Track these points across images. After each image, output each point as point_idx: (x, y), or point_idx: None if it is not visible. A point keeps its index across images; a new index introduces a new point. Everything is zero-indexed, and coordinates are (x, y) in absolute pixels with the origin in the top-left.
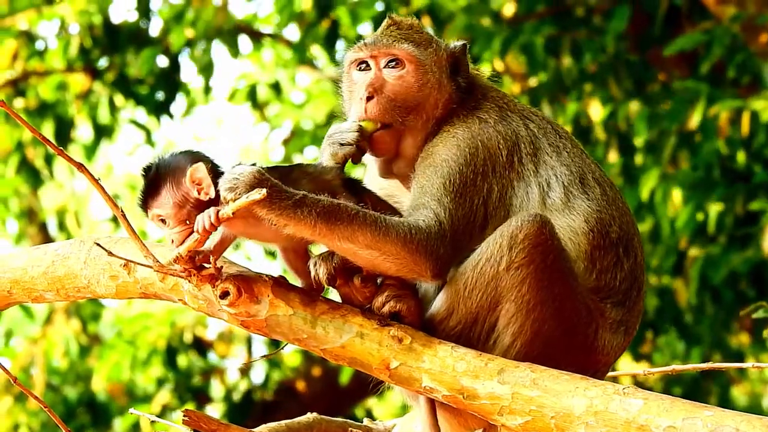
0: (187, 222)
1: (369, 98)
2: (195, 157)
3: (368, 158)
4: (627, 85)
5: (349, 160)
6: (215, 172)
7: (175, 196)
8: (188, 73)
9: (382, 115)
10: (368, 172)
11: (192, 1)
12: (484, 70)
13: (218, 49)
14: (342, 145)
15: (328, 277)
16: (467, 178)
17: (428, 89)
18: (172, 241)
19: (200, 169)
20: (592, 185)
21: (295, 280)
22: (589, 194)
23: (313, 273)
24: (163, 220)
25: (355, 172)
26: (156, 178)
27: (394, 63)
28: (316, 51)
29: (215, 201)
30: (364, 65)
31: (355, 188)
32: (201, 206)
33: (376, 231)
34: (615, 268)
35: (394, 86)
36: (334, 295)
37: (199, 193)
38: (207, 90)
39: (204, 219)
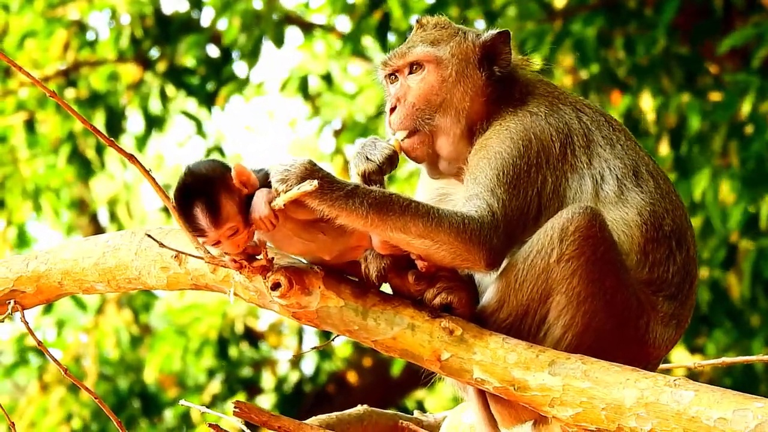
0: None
1: (392, 109)
2: (219, 163)
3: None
4: (678, 79)
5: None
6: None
7: (235, 202)
8: (239, 63)
9: (406, 123)
10: (421, 175)
11: None
12: (535, 61)
13: (268, 40)
14: (368, 159)
15: (378, 275)
16: (521, 170)
17: (450, 83)
18: (237, 245)
19: (241, 166)
20: (645, 178)
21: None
22: (642, 187)
23: (363, 267)
24: (234, 231)
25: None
26: (211, 196)
27: (415, 68)
28: (368, 42)
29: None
30: (393, 77)
31: None
32: (248, 201)
33: (428, 221)
34: (668, 261)
35: (415, 90)
36: (385, 286)
37: (247, 188)
38: (248, 79)
39: (262, 214)
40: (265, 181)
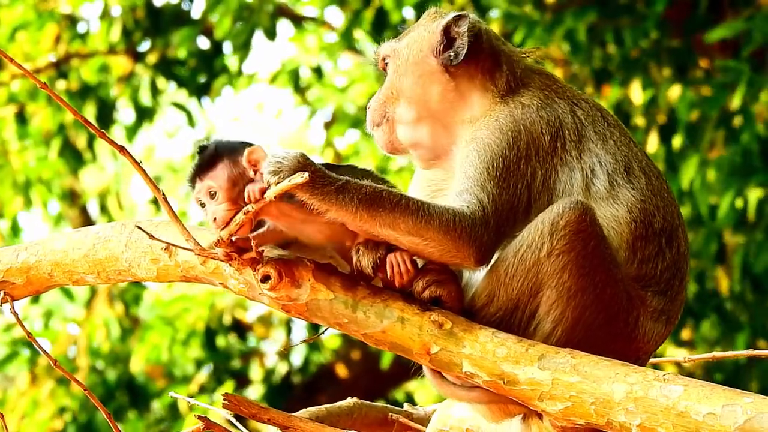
0: (236, 203)
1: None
2: (246, 142)
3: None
4: (668, 71)
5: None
6: None
7: (230, 171)
8: (231, 55)
9: (371, 118)
10: (416, 169)
11: None
12: (531, 52)
13: (260, 32)
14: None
15: (373, 267)
16: (510, 162)
17: (401, 73)
18: (214, 219)
19: (258, 151)
20: (637, 174)
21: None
22: (633, 183)
23: (354, 260)
24: (212, 194)
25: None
26: (215, 152)
27: (387, 64)
28: (360, 35)
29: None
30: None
31: None
32: None
33: (418, 218)
34: (656, 259)
35: (384, 85)
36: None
37: (254, 174)
38: (240, 72)
39: (250, 191)
40: None
